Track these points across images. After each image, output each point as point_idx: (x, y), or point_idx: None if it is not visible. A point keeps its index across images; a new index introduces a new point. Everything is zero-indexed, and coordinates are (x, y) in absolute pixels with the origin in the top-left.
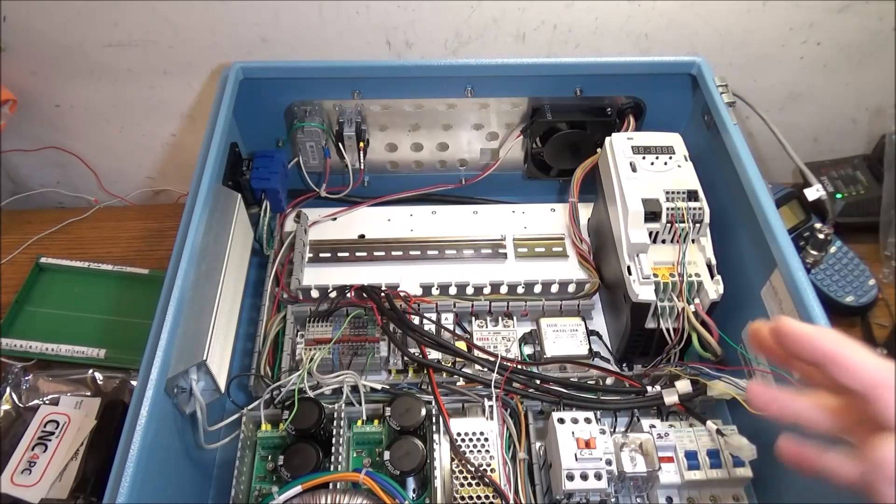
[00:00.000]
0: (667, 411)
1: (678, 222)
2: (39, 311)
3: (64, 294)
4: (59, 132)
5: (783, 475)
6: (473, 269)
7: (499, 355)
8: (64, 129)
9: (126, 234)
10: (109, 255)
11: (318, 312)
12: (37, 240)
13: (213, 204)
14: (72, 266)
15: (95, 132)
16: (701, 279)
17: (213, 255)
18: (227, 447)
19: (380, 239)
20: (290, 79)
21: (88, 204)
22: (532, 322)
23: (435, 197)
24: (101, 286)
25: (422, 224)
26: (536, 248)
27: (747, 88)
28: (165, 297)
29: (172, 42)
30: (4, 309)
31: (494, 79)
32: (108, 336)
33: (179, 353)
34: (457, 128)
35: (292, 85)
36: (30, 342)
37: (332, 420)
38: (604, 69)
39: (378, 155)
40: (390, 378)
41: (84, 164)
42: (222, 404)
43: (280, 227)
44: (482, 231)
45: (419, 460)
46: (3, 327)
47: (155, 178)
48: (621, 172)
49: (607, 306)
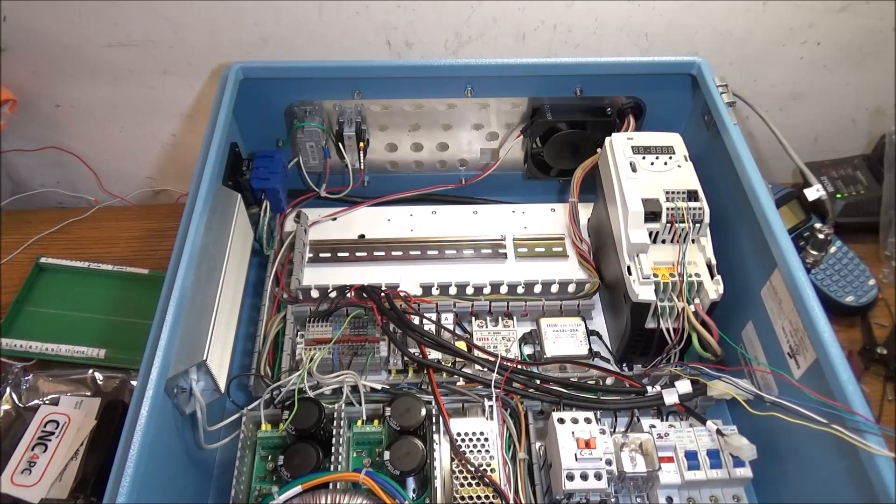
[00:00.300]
0: (667, 411)
1: (678, 222)
2: (39, 311)
3: (64, 294)
4: (59, 132)
5: (783, 475)
6: (473, 269)
7: (499, 355)
8: (64, 128)
9: (126, 234)
10: (109, 255)
11: (318, 312)
12: (37, 240)
13: (213, 204)
14: (72, 266)
15: (95, 132)
16: (701, 279)
17: (214, 255)
18: (227, 447)
19: (380, 239)
20: (290, 79)
21: (88, 204)
22: (532, 322)
23: (435, 197)
24: (100, 286)
25: (422, 224)
26: (536, 248)
27: (747, 88)
28: (165, 298)
29: (172, 42)
30: (4, 309)
31: (495, 79)
32: (108, 336)
33: (179, 353)
34: (457, 128)
35: (292, 85)
36: (30, 342)
37: (333, 420)
38: (604, 69)
39: (378, 155)
40: (390, 378)
41: (84, 164)
42: (222, 404)
43: (280, 227)
44: (482, 231)
45: (419, 460)
46: (3, 327)
47: (155, 178)
48: (621, 172)
49: (607, 306)
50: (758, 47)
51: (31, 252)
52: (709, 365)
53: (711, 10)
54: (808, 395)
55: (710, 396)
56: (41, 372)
